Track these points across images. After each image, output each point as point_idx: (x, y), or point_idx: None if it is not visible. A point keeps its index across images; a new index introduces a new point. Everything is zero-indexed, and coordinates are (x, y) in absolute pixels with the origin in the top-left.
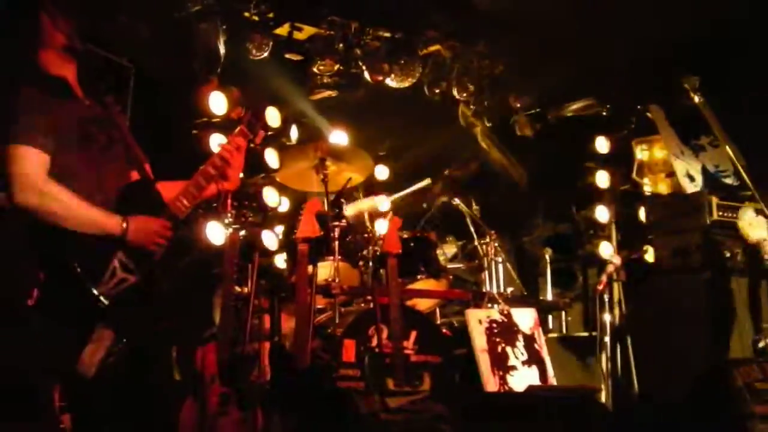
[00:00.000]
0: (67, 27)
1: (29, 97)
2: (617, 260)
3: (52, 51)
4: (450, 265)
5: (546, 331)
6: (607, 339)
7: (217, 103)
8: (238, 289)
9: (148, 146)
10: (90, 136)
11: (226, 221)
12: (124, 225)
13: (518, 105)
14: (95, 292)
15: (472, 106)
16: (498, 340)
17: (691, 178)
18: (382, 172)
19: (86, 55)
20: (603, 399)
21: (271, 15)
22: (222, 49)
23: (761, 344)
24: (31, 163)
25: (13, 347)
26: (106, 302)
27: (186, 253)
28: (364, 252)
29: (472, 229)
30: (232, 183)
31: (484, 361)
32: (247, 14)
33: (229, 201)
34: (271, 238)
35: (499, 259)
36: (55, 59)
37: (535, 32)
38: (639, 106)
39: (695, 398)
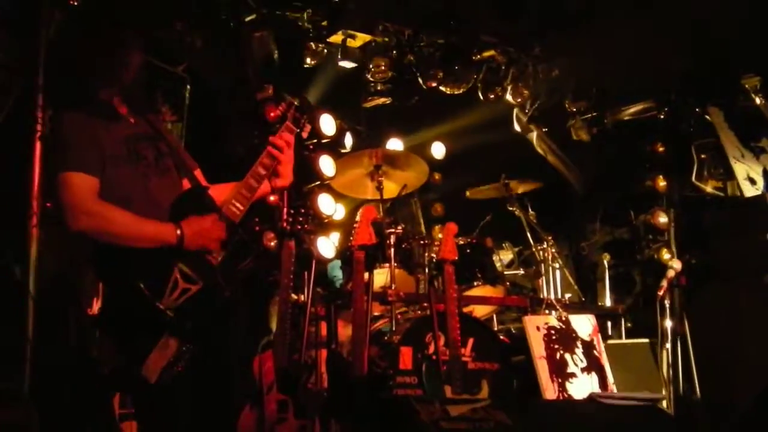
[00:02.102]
0: (139, 62)
1: (74, 122)
2: (677, 265)
3: None
4: (507, 272)
5: (605, 337)
6: (668, 345)
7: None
8: (294, 296)
9: (205, 155)
10: (138, 154)
11: (282, 229)
12: (179, 231)
13: (574, 109)
14: (160, 306)
15: (527, 111)
16: (556, 346)
17: (752, 182)
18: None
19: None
20: (665, 406)
21: (324, 23)
22: (276, 58)
23: None
24: (80, 188)
25: (70, 354)
26: (171, 315)
27: (245, 257)
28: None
29: (528, 235)
30: (286, 179)
31: (542, 368)
32: (300, 23)
33: (285, 209)
34: (327, 246)
35: (557, 265)
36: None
37: (592, 35)
38: (698, 109)
39: (761, 407)
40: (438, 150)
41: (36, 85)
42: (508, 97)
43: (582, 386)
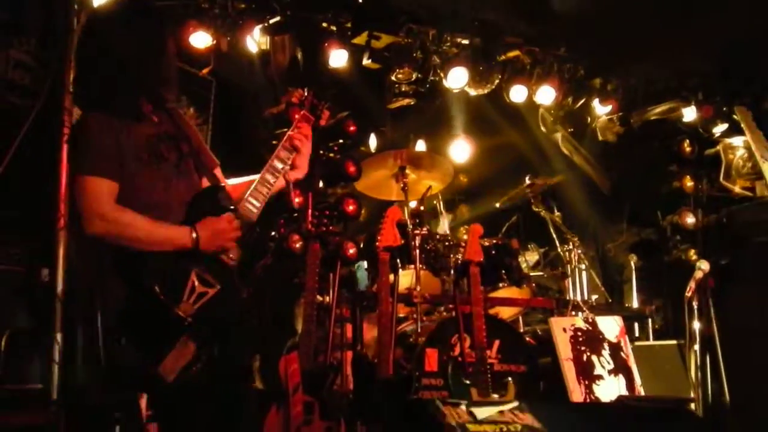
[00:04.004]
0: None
1: (95, 124)
2: (705, 266)
3: None
4: (532, 273)
5: (632, 339)
6: (696, 347)
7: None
8: (319, 298)
9: (230, 157)
10: (159, 155)
11: (307, 231)
12: (194, 235)
13: (600, 109)
14: (178, 312)
15: (552, 111)
16: (583, 348)
17: None
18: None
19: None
20: (693, 408)
21: (348, 24)
22: (300, 60)
23: None
24: (97, 192)
25: (97, 355)
26: (189, 320)
27: (261, 256)
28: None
29: (554, 236)
30: (301, 171)
31: (569, 370)
32: (325, 24)
33: (310, 211)
34: (352, 248)
35: (583, 266)
36: None
37: (618, 34)
38: (725, 108)
39: None
40: (462, 151)
41: (63, 87)
42: (534, 97)
43: (609, 388)
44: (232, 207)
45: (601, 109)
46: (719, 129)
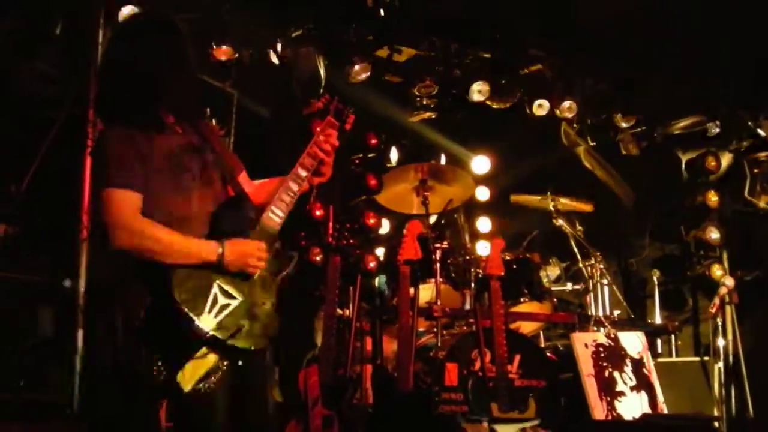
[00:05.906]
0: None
1: (118, 137)
2: (730, 282)
3: None
4: (554, 288)
5: (655, 355)
6: (720, 364)
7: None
8: (340, 311)
9: (252, 169)
10: (182, 166)
11: (328, 244)
12: (220, 250)
13: (623, 123)
14: (199, 324)
15: (575, 125)
16: (605, 364)
17: None
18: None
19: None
20: (717, 426)
21: (370, 37)
22: (322, 73)
23: None
24: (122, 204)
25: (118, 365)
26: (210, 333)
27: (284, 268)
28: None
29: (576, 251)
30: (326, 177)
31: (591, 386)
32: (347, 37)
33: (330, 224)
34: (372, 261)
35: (605, 281)
36: None
37: (641, 47)
38: (750, 122)
39: None
40: (482, 164)
41: (87, 99)
42: (556, 111)
43: (631, 405)
44: (256, 216)
45: (624, 123)
46: (744, 143)
